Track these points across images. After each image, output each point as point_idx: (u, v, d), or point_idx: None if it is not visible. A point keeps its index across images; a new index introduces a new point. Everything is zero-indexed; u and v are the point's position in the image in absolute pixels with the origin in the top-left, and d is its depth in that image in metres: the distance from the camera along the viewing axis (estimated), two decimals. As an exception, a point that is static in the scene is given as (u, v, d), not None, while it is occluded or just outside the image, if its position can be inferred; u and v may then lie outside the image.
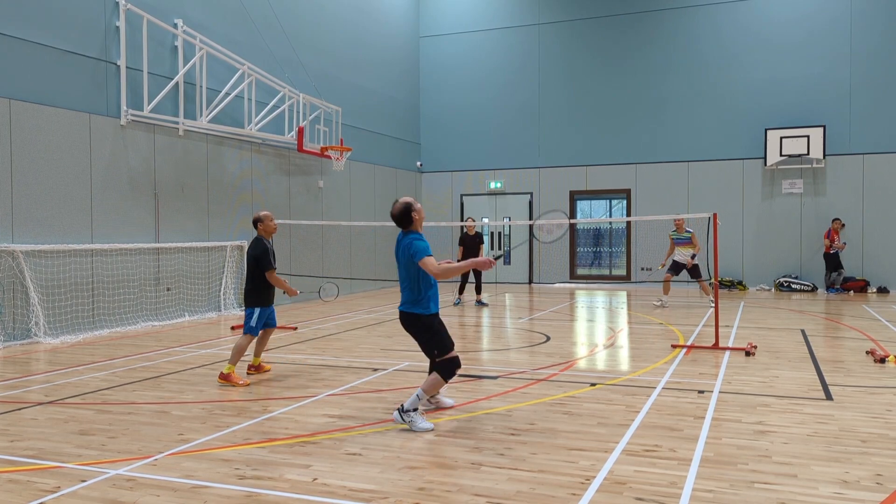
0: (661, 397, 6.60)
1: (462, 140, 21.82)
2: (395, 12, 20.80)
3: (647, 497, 4.14)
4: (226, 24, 14.17)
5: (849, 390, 6.86)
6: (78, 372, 8.08)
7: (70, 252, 10.82)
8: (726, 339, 10.12)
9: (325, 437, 5.43)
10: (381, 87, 20.01)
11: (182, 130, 12.87)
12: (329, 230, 17.25)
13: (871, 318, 12.44)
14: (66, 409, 6.34)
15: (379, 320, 12.77)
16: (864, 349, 9.11)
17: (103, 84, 11.52)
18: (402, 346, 9.84)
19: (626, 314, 13.67)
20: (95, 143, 11.35)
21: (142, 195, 12.21)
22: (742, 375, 7.59)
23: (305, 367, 8.30)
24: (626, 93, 20.06)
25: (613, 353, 9.30)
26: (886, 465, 4.68)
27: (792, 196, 18.60)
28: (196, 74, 13.08)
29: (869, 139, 17.90)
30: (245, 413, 6.17)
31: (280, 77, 15.40)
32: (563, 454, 4.95)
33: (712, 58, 19.25)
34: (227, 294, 13.95)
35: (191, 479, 4.51)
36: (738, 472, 4.55)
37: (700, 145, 19.39)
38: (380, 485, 4.39)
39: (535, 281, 20.91)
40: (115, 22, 11.66)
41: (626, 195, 20.26)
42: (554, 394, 6.81)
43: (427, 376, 5.95)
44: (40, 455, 5.02)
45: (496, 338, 10.90)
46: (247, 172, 14.69)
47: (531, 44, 21.07)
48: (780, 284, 18.29)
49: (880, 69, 17.77)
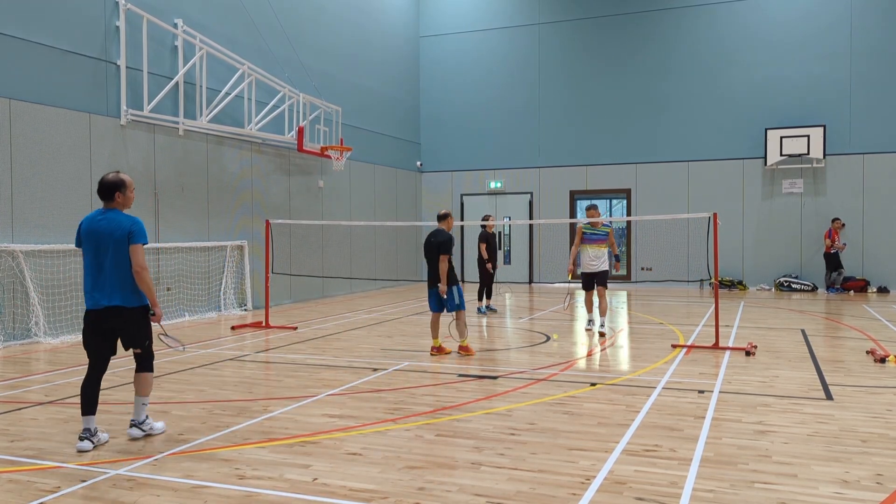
0: (661, 397, 6.60)
1: (462, 140, 21.83)
2: (395, 12, 20.80)
3: (647, 497, 4.14)
4: (226, 24, 14.16)
5: (849, 390, 6.86)
6: (78, 372, 8.07)
7: (70, 252, 10.82)
8: (726, 338, 10.11)
9: (325, 437, 5.43)
10: (381, 87, 20.01)
11: (182, 130, 12.87)
12: (329, 230, 17.25)
13: (871, 318, 12.44)
14: (66, 409, 6.34)
15: (379, 320, 12.77)
16: (864, 349, 9.11)
17: (103, 84, 11.52)
18: (402, 346, 9.84)
19: (626, 314, 13.67)
20: (95, 143, 11.35)
21: (142, 195, 12.19)
22: (742, 375, 7.59)
23: (305, 367, 8.30)
24: (626, 92, 20.06)
25: (613, 353, 9.30)
26: (887, 464, 4.68)
27: (792, 196, 18.61)
28: (196, 74, 13.08)
29: (869, 139, 17.90)
30: (245, 413, 6.16)
31: (280, 77, 15.39)
32: (564, 454, 4.95)
33: (712, 58, 19.25)
34: (228, 294, 13.95)
35: (191, 479, 4.51)
36: (738, 472, 4.55)
37: (700, 145, 19.39)
38: (380, 485, 4.39)
39: (535, 281, 20.91)
40: (115, 22, 11.65)
41: (626, 195, 20.26)
42: (554, 394, 6.81)
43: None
44: (40, 455, 5.02)
45: (496, 338, 10.90)
46: (247, 172, 14.69)
47: (531, 44, 21.07)
48: (781, 284, 18.29)
49: (880, 69, 17.77)
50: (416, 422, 5.83)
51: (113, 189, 5.34)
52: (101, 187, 5.37)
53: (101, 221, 5.30)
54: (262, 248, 14.52)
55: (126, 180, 5.40)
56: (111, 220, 5.29)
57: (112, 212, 5.35)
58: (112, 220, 5.29)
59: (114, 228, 5.25)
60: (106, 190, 5.36)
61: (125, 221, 5.28)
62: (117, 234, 5.24)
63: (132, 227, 5.26)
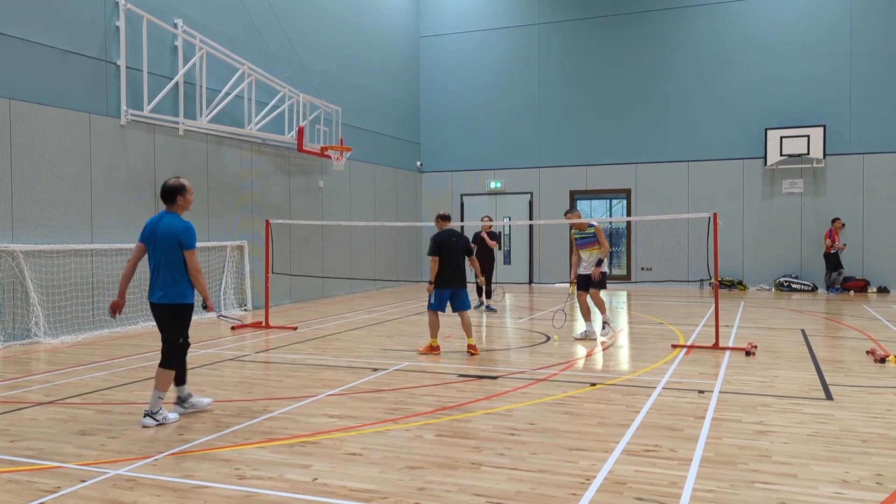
0: (661, 397, 6.60)
1: (462, 140, 21.83)
2: (395, 12, 20.80)
3: (647, 497, 4.14)
4: (226, 24, 14.17)
5: (849, 390, 6.86)
6: (78, 372, 8.08)
7: (70, 252, 10.82)
8: (726, 338, 10.11)
9: (325, 437, 5.43)
10: (381, 87, 20.02)
11: (182, 130, 12.87)
12: (329, 230, 17.25)
13: (871, 318, 12.45)
14: (66, 409, 6.34)
15: (379, 320, 12.77)
16: (864, 349, 9.11)
17: (103, 84, 11.52)
18: (402, 345, 9.84)
19: (627, 314, 13.67)
20: (95, 143, 11.35)
21: (142, 195, 12.20)
22: (742, 375, 7.59)
23: (305, 368, 8.30)
24: (626, 92, 20.06)
25: (613, 353, 9.30)
26: (887, 464, 4.68)
27: (792, 196, 18.61)
28: (196, 74, 13.08)
29: (869, 139, 17.90)
30: (245, 413, 6.17)
31: (280, 77, 15.39)
32: (564, 454, 4.95)
33: (712, 57, 19.25)
34: (227, 294, 13.95)
35: (191, 479, 4.51)
36: (738, 472, 4.55)
37: (700, 145, 19.39)
38: (380, 485, 4.39)
39: (535, 281, 20.91)
40: (115, 22, 11.65)
41: (626, 195, 20.26)
42: (554, 394, 6.81)
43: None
44: (40, 455, 5.02)
45: (496, 338, 10.90)
46: (247, 172, 14.69)
47: (531, 44, 21.07)
48: (781, 284, 18.29)
49: (880, 69, 17.78)
50: (417, 422, 5.83)
51: (174, 193, 5.88)
52: (164, 191, 5.90)
53: (159, 224, 5.85)
54: (262, 248, 14.52)
55: (186, 185, 5.93)
56: (166, 223, 5.82)
57: (170, 215, 5.89)
58: (167, 223, 5.82)
59: (167, 231, 5.78)
60: (168, 194, 5.90)
61: (178, 227, 5.81)
62: (169, 237, 5.76)
63: (182, 234, 5.78)
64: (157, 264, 5.82)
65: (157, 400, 5.75)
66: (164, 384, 5.82)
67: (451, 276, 8.96)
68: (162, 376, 5.83)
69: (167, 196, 5.93)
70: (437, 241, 9.03)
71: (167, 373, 5.84)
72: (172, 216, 5.91)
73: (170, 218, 5.88)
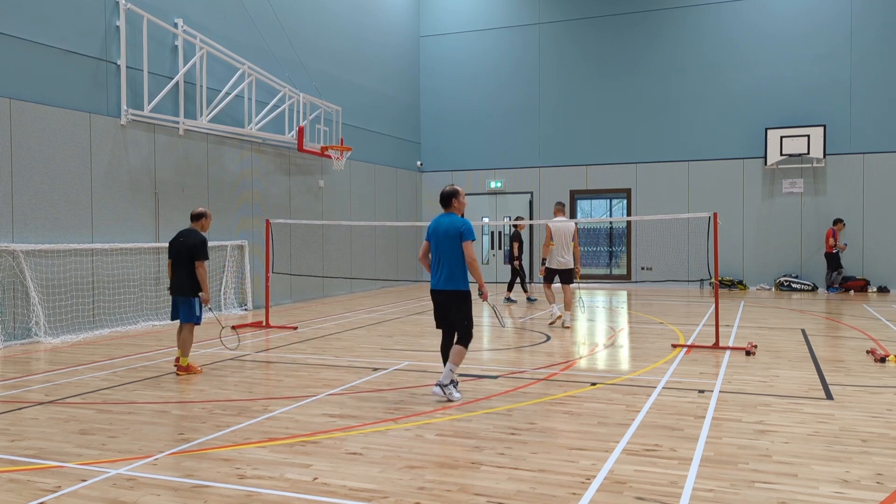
0: (661, 397, 6.60)
1: (462, 139, 21.83)
2: (395, 11, 20.79)
3: (647, 496, 4.14)
4: (226, 23, 14.16)
5: (849, 390, 6.86)
6: (78, 371, 8.08)
7: (70, 252, 10.82)
8: (727, 338, 10.11)
9: (326, 436, 5.43)
10: (381, 87, 20.01)
11: (182, 130, 12.87)
12: (329, 230, 17.25)
13: (872, 318, 12.44)
14: (66, 409, 6.34)
15: (379, 320, 12.77)
16: (864, 349, 9.11)
17: (103, 84, 11.52)
18: (403, 345, 9.84)
19: (627, 313, 13.67)
20: (95, 142, 11.35)
21: (142, 195, 12.20)
22: (742, 375, 7.58)
23: (306, 367, 8.30)
24: (626, 92, 20.06)
25: (614, 353, 9.30)
26: (887, 464, 4.68)
27: (792, 195, 18.60)
28: (196, 74, 13.08)
29: (869, 139, 17.90)
30: (245, 413, 6.17)
31: (280, 77, 15.40)
32: (564, 454, 4.95)
33: (712, 57, 19.25)
34: (227, 294, 13.95)
35: (191, 479, 4.51)
36: (738, 472, 4.55)
37: (700, 145, 19.39)
38: (380, 484, 4.39)
39: (535, 281, 20.89)
40: (115, 21, 11.65)
41: (626, 195, 20.26)
42: (554, 393, 6.81)
43: (448, 357, 6.61)
44: (41, 455, 5.02)
45: (496, 337, 10.90)
46: (247, 172, 14.69)
47: (531, 43, 21.07)
48: (781, 284, 18.29)
49: (880, 69, 17.77)
50: (417, 421, 5.83)
51: (450, 197, 6.82)
52: (442, 197, 6.86)
53: (442, 222, 6.71)
54: (262, 247, 14.52)
55: (458, 190, 6.85)
56: (447, 221, 6.69)
57: (449, 215, 6.76)
58: (448, 222, 6.68)
59: (448, 227, 6.63)
60: (445, 198, 6.86)
61: (458, 222, 6.65)
62: (451, 232, 6.60)
63: (462, 227, 6.60)
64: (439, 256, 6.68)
65: (449, 373, 6.49)
66: (457, 358, 6.55)
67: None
68: (456, 352, 6.56)
69: (444, 200, 6.84)
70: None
71: (460, 349, 6.58)
72: (451, 215, 6.76)
73: (449, 217, 6.73)
